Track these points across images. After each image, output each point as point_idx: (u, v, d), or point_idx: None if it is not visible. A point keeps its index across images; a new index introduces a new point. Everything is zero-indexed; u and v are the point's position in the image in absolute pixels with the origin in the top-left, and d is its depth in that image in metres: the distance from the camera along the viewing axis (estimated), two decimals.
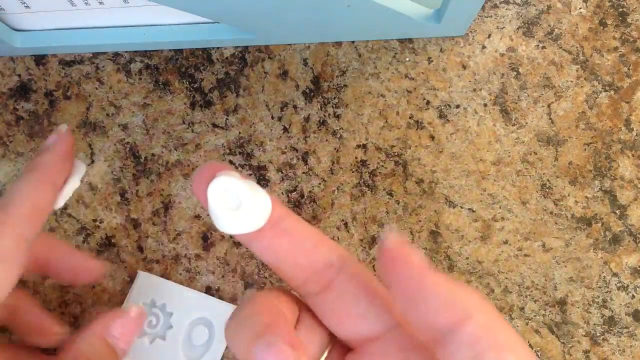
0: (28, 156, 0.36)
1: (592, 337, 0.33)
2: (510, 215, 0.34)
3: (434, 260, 0.34)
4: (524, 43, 0.35)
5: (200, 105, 0.36)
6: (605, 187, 0.34)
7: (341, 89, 0.36)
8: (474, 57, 0.35)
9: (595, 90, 0.35)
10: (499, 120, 0.35)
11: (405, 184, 0.35)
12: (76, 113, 0.36)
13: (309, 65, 0.36)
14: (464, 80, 0.35)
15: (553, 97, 0.35)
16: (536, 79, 0.35)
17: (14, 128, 0.36)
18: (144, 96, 0.36)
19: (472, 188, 0.34)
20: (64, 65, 0.37)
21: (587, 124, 0.35)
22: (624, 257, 0.34)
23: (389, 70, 0.36)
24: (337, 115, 0.35)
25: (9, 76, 0.37)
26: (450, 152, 0.35)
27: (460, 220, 0.34)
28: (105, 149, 0.36)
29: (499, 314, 0.17)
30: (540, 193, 0.34)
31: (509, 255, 0.34)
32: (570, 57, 0.35)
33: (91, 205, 0.36)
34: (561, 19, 0.36)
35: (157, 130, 0.36)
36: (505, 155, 0.35)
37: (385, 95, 0.35)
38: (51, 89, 0.37)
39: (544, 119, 0.35)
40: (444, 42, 0.36)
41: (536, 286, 0.34)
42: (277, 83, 0.36)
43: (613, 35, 0.35)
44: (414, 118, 0.35)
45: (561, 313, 0.34)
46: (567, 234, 0.34)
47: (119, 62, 0.37)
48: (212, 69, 0.36)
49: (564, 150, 0.34)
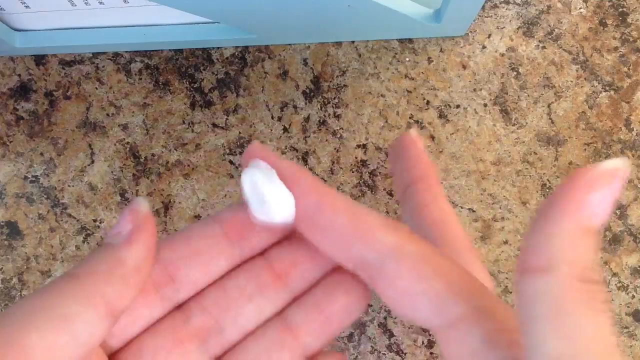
0: (28, 156, 0.36)
1: None
2: (511, 215, 0.34)
3: None
4: (524, 43, 0.35)
5: (200, 105, 0.36)
6: None
7: (341, 89, 0.36)
8: (474, 57, 0.35)
9: (595, 90, 0.35)
10: (499, 120, 0.35)
11: None
12: (76, 113, 0.36)
13: (309, 65, 0.36)
14: (464, 80, 0.35)
15: (553, 97, 0.35)
16: (536, 79, 0.35)
17: (14, 128, 0.36)
18: (144, 96, 0.36)
19: (472, 188, 0.34)
20: (64, 65, 0.37)
21: (587, 124, 0.35)
22: (624, 257, 0.34)
23: (389, 70, 0.36)
24: (337, 115, 0.35)
25: (9, 76, 0.37)
26: (450, 152, 0.35)
27: (461, 220, 0.34)
28: (105, 149, 0.36)
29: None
30: (541, 193, 0.34)
31: (509, 255, 0.34)
32: (570, 57, 0.35)
33: (91, 205, 0.35)
34: (561, 19, 0.36)
35: (157, 130, 0.36)
36: (506, 155, 0.35)
37: (385, 95, 0.35)
38: (51, 89, 0.37)
39: (544, 119, 0.35)
40: (444, 42, 0.36)
41: None
42: (277, 83, 0.36)
43: (613, 35, 0.35)
44: (414, 118, 0.35)
45: None
46: None
47: (119, 62, 0.37)
48: (212, 69, 0.36)
49: (564, 150, 0.34)
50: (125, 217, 0.20)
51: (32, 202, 0.36)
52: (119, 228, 0.20)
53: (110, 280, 0.18)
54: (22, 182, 0.36)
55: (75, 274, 0.18)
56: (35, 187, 0.36)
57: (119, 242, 0.20)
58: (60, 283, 0.18)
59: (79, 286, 0.18)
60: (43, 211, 0.36)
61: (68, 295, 0.18)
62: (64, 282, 0.18)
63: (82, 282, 0.18)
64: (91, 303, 0.18)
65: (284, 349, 0.20)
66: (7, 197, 0.36)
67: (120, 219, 0.20)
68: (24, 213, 0.36)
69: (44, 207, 0.36)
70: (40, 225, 0.35)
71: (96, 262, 0.19)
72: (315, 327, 0.20)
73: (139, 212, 0.20)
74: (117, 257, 0.19)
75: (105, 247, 0.19)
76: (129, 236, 0.20)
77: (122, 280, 0.19)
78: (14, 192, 0.36)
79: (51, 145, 0.36)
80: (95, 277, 0.18)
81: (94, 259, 0.19)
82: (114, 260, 0.19)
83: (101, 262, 0.19)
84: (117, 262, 0.19)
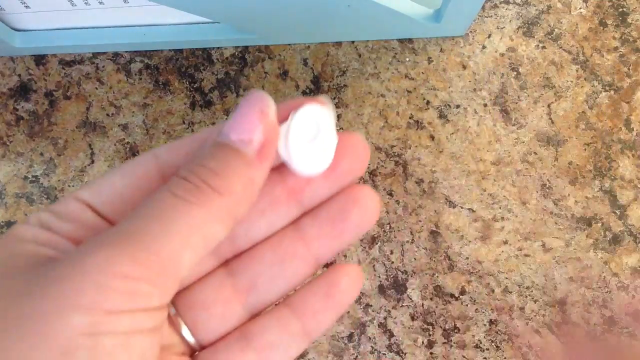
0: (28, 156, 0.36)
1: (592, 338, 0.33)
2: (510, 215, 0.34)
3: (434, 261, 0.34)
4: (524, 43, 0.35)
5: (200, 105, 0.36)
6: (605, 187, 0.34)
7: (341, 89, 0.36)
8: (474, 57, 0.35)
9: (595, 90, 0.35)
10: (499, 120, 0.35)
11: (405, 184, 0.35)
12: (76, 113, 0.36)
13: (309, 65, 0.36)
14: (464, 80, 0.35)
15: (553, 97, 0.35)
16: (536, 79, 0.35)
17: (14, 128, 0.36)
18: (144, 96, 0.36)
19: (472, 188, 0.34)
20: (64, 65, 0.37)
21: (587, 124, 0.35)
22: (624, 257, 0.34)
23: (389, 70, 0.36)
24: (337, 115, 0.35)
25: (9, 76, 0.37)
26: (450, 152, 0.35)
27: (460, 220, 0.34)
28: (105, 149, 0.36)
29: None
30: (540, 193, 0.34)
31: (509, 255, 0.34)
32: (570, 57, 0.35)
33: None
34: (561, 19, 0.35)
35: (157, 130, 0.36)
36: (505, 155, 0.35)
37: (385, 95, 0.35)
38: (51, 89, 0.37)
39: (544, 119, 0.35)
40: (444, 42, 0.36)
41: (536, 286, 0.34)
42: (277, 83, 0.36)
43: (613, 35, 0.35)
44: (414, 118, 0.35)
45: (561, 313, 0.34)
46: (567, 234, 0.34)
47: (119, 62, 0.37)
48: (212, 69, 0.36)
49: (564, 150, 0.34)
50: (254, 117, 0.18)
51: (32, 202, 0.36)
52: (248, 132, 0.18)
53: (240, 205, 0.18)
54: (22, 182, 0.36)
55: (213, 190, 0.17)
56: (35, 187, 0.36)
57: (250, 153, 0.18)
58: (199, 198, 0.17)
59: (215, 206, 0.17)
60: None
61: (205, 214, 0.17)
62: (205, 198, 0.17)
63: (220, 201, 0.17)
64: (225, 225, 0.18)
65: (297, 257, 0.21)
66: (7, 197, 0.36)
67: (247, 114, 0.18)
68: (24, 213, 0.36)
69: (44, 207, 0.36)
70: None
71: (232, 178, 0.18)
72: (328, 240, 0.21)
73: (268, 116, 0.18)
74: (250, 176, 0.18)
75: (235, 155, 0.18)
76: (261, 150, 0.18)
77: (250, 205, 0.18)
78: (14, 192, 0.36)
79: (51, 145, 0.36)
80: (233, 198, 0.18)
81: (230, 171, 0.18)
82: (247, 180, 0.18)
83: (236, 179, 0.18)
84: (249, 182, 0.18)
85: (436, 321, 0.34)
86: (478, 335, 0.33)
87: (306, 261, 0.21)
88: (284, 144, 0.19)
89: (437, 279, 0.34)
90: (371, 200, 0.21)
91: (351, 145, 0.21)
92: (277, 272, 0.21)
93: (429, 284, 0.34)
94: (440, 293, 0.34)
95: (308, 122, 0.19)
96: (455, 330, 0.34)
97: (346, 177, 0.21)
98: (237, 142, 0.18)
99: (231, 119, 0.18)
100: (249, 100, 0.18)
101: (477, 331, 0.33)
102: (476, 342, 0.33)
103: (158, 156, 0.20)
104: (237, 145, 0.18)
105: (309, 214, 0.21)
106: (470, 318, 0.34)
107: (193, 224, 0.17)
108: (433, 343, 0.34)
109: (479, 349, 0.33)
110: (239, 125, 0.18)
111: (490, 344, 0.33)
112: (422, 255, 0.34)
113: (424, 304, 0.34)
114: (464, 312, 0.34)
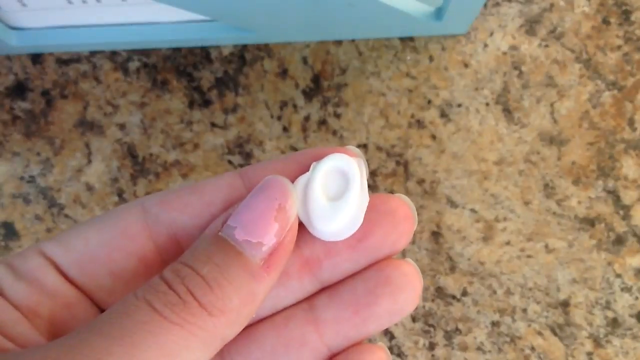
0: (24, 156, 0.36)
1: (596, 339, 0.33)
2: (513, 215, 0.34)
3: (435, 262, 0.34)
4: (527, 41, 0.35)
5: (198, 104, 0.36)
6: (608, 187, 0.34)
7: (341, 87, 0.35)
8: (476, 56, 0.35)
9: (598, 89, 0.34)
10: (501, 120, 0.34)
11: (407, 184, 0.34)
12: (73, 112, 0.36)
13: (309, 63, 0.36)
14: (466, 79, 0.35)
15: (556, 96, 0.35)
16: (539, 77, 0.35)
17: (10, 127, 0.36)
18: (141, 95, 0.36)
19: (474, 188, 0.34)
20: (60, 64, 0.36)
21: (591, 123, 0.34)
22: (628, 258, 0.33)
23: (389, 69, 0.35)
24: (338, 115, 0.35)
25: (5, 75, 0.36)
26: (452, 152, 0.34)
27: (462, 220, 0.34)
28: (102, 148, 0.36)
29: None
30: (543, 193, 0.34)
31: (511, 256, 0.34)
32: (573, 56, 0.35)
33: (88, 205, 0.35)
34: (564, 17, 0.35)
35: (155, 129, 0.36)
36: (508, 154, 0.34)
37: (386, 94, 0.35)
38: (48, 87, 0.36)
39: (547, 118, 0.34)
40: (445, 41, 0.35)
41: (539, 287, 0.33)
42: (277, 82, 0.36)
43: (616, 34, 0.35)
44: (415, 117, 0.35)
45: (564, 315, 0.33)
46: (570, 234, 0.34)
47: (116, 61, 0.36)
48: (211, 67, 0.36)
49: (567, 150, 0.34)
50: (269, 214, 0.15)
51: (28, 202, 0.35)
52: (258, 233, 0.15)
53: (232, 326, 0.15)
54: (18, 182, 0.35)
55: (202, 309, 0.14)
56: (32, 187, 0.35)
57: (257, 260, 0.15)
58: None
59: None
60: (40, 212, 0.35)
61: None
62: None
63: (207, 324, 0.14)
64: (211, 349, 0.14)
65: (305, 345, 0.17)
66: (3, 197, 0.35)
67: (261, 209, 0.15)
68: (20, 213, 0.35)
69: (41, 207, 0.35)
70: (37, 226, 0.35)
71: (228, 291, 0.14)
72: (346, 328, 0.17)
73: (287, 213, 0.15)
74: (251, 290, 0.14)
75: (237, 260, 0.15)
76: (271, 258, 0.15)
77: (245, 324, 0.15)
78: (10, 192, 0.35)
79: (48, 144, 0.36)
80: (225, 319, 0.14)
81: (226, 282, 0.14)
82: (246, 295, 0.14)
83: (233, 293, 0.14)
84: (249, 298, 0.15)
85: (438, 323, 0.33)
86: (480, 337, 0.33)
87: (316, 351, 0.17)
88: (302, 200, 0.16)
89: (439, 280, 0.34)
90: (410, 281, 0.17)
91: (389, 209, 0.17)
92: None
93: (431, 285, 0.34)
94: (442, 294, 0.34)
95: (333, 176, 0.16)
96: (457, 332, 0.33)
97: (378, 250, 0.17)
98: (242, 243, 0.15)
99: (240, 208, 0.15)
100: (265, 189, 0.15)
101: (479, 333, 0.33)
102: (478, 344, 0.33)
103: (147, 209, 0.16)
104: (241, 247, 0.15)
105: (326, 292, 0.17)
106: (472, 320, 0.33)
107: (169, 350, 0.13)
108: (434, 345, 0.33)
109: (481, 351, 0.33)
110: (249, 222, 0.15)
111: (493, 346, 0.33)
112: (423, 256, 0.34)
113: (426, 306, 0.33)
114: (465, 313, 0.33)
